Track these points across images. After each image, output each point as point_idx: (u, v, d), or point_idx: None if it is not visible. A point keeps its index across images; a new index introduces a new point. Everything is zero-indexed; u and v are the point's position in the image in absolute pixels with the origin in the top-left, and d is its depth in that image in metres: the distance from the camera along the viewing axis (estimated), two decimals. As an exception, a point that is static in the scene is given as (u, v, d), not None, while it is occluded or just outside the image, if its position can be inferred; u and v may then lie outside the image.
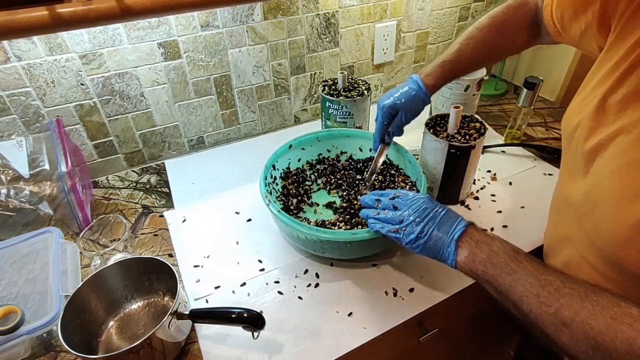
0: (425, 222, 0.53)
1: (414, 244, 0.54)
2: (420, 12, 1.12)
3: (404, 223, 0.55)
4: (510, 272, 0.45)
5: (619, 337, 0.36)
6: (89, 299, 0.60)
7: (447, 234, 0.51)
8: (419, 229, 0.53)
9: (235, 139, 1.08)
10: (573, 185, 0.50)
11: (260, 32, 0.94)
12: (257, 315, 0.56)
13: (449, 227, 0.52)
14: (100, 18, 0.48)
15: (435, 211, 0.54)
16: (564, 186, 0.54)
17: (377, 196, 0.62)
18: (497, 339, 1.08)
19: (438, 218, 0.53)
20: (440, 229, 0.52)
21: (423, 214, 0.54)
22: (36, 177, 0.75)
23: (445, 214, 0.53)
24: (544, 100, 1.20)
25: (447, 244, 0.51)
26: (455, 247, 0.50)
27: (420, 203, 0.56)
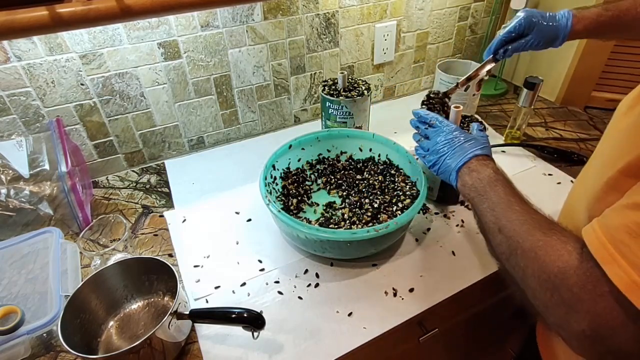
0: (441, 153, 0.62)
1: (432, 169, 0.64)
2: (420, 12, 1.12)
3: (429, 151, 0.65)
4: (483, 194, 0.53)
5: (529, 239, 0.42)
6: (89, 299, 0.60)
7: (453, 164, 0.60)
8: (436, 158, 0.63)
9: (235, 139, 1.08)
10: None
11: (260, 32, 0.94)
12: (257, 315, 0.56)
13: (457, 159, 0.60)
14: (100, 18, 0.48)
15: (451, 143, 0.61)
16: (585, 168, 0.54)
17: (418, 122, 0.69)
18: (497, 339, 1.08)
19: (452, 149, 0.61)
20: (450, 159, 0.61)
21: (441, 146, 0.62)
22: (36, 177, 0.75)
23: (459, 145, 0.61)
24: (544, 100, 1.20)
25: (451, 172, 0.60)
26: (456, 175, 0.59)
27: (443, 136, 0.63)
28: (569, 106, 1.17)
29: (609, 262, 0.33)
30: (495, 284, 0.68)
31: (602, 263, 0.34)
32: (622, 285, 0.32)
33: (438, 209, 0.83)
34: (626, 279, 0.32)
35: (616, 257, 0.33)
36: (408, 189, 0.78)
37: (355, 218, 0.75)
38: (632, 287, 0.31)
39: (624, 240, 0.33)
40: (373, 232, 0.62)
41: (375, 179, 0.84)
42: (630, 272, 0.32)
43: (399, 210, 0.74)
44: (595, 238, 0.35)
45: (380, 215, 0.74)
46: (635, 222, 0.33)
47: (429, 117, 0.67)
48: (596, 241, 0.35)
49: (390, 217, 0.74)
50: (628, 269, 0.32)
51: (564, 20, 0.67)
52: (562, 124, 1.09)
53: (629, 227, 0.33)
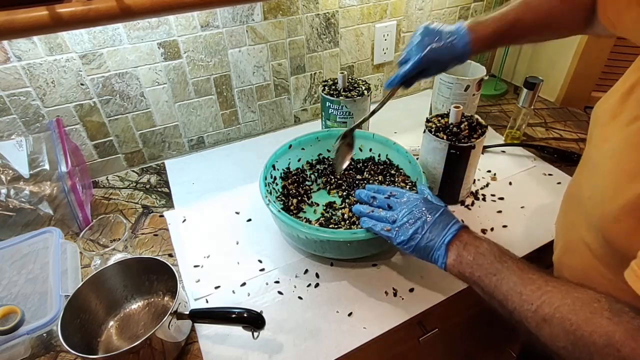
0: (418, 224, 0.54)
1: (405, 245, 0.54)
2: (420, 12, 1.12)
3: (397, 223, 0.55)
4: (495, 273, 0.46)
5: (597, 331, 0.36)
6: (89, 299, 0.60)
7: (439, 237, 0.52)
8: (412, 231, 0.54)
9: (235, 139, 1.08)
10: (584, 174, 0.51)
11: (260, 32, 0.94)
12: (257, 315, 0.56)
13: (441, 231, 0.52)
14: (100, 18, 0.48)
15: (429, 214, 0.54)
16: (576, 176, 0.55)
17: (374, 192, 0.62)
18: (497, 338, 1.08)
19: (431, 221, 0.53)
20: (432, 232, 0.53)
21: (417, 216, 0.54)
22: (36, 177, 0.75)
23: (439, 216, 0.54)
24: (543, 100, 1.20)
25: (437, 247, 0.52)
26: (446, 250, 0.51)
27: (415, 204, 0.56)
28: (569, 106, 1.17)
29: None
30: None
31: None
32: None
33: (438, 209, 0.83)
34: None
35: None
36: (408, 189, 0.78)
37: (355, 218, 0.75)
38: None
39: None
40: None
41: (375, 179, 0.84)
42: None
43: (399, 210, 0.74)
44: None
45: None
46: None
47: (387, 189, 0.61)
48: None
49: (390, 217, 0.74)
50: None
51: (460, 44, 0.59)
52: (562, 124, 1.09)
53: None
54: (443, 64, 0.61)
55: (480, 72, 0.97)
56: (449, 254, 0.51)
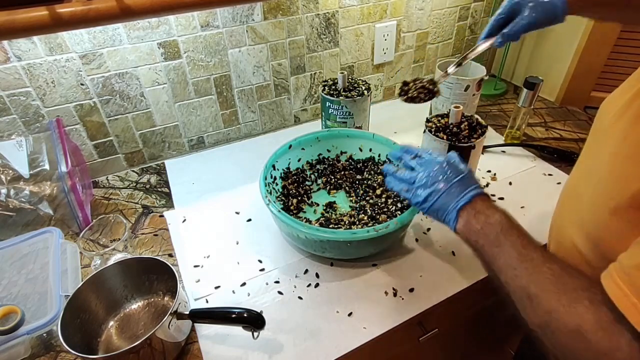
0: (434, 187, 0.54)
1: (421, 206, 0.56)
2: (420, 12, 1.12)
3: (416, 184, 0.56)
4: (498, 245, 0.47)
5: (572, 316, 0.37)
6: (89, 299, 0.60)
7: (452, 202, 0.52)
8: (427, 193, 0.54)
9: (235, 139, 1.08)
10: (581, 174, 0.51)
11: (260, 32, 0.94)
12: (257, 315, 0.56)
13: (456, 196, 0.52)
14: (100, 18, 0.48)
15: (446, 178, 0.54)
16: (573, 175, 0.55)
17: (402, 152, 0.63)
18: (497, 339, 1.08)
19: (447, 186, 0.53)
20: (447, 195, 0.53)
21: (435, 179, 0.55)
22: (36, 177, 0.75)
23: (457, 181, 0.53)
24: (543, 100, 1.20)
25: (449, 211, 0.53)
26: (457, 215, 0.52)
27: (435, 168, 0.56)
28: (569, 106, 1.17)
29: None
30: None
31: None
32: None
33: (438, 209, 0.83)
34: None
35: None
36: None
37: (355, 218, 0.75)
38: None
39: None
40: (373, 232, 0.62)
41: (375, 179, 0.84)
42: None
43: (398, 211, 0.74)
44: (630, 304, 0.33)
45: (380, 215, 0.74)
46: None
47: (417, 150, 0.62)
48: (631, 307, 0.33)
49: (390, 217, 0.74)
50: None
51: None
52: (562, 124, 1.09)
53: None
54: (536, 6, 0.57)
55: (480, 72, 0.97)
56: (459, 219, 0.52)
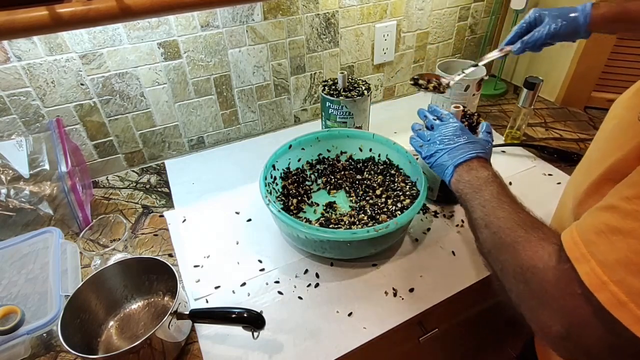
0: (442, 146, 0.62)
1: (428, 160, 0.64)
2: (420, 12, 1.12)
3: (430, 141, 0.64)
4: (477, 190, 0.53)
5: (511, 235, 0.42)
6: (89, 299, 0.60)
7: (453, 159, 0.59)
8: (434, 150, 0.62)
9: (235, 139, 1.08)
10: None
11: (260, 32, 0.94)
12: (257, 315, 0.56)
13: (457, 155, 0.59)
14: (100, 18, 0.48)
15: (455, 139, 0.61)
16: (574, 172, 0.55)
17: (428, 112, 0.70)
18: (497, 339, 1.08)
19: (454, 146, 0.61)
20: (450, 154, 0.60)
21: (445, 139, 0.62)
22: (36, 177, 0.75)
23: (463, 143, 0.60)
24: (543, 100, 1.20)
25: (447, 167, 0.60)
26: (453, 170, 0.59)
27: (449, 131, 0.63)
28: (569, 106, 1.17)
29: (580, 261, 0.34)
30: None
31: (574, 261, 0.34)
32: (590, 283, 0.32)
33: (438, 209, 0.83)
34: (594, 277, 0.32)
35: (587, 256, 0.33)
36: (408, 189, 0.78)
37: (355, 218, 0.75)
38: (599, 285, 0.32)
39: (593, 239, 0.34)
40: (373, 232, 0.62)
41: (375, 179, 0.84)
42: (598, 270, 0.32)
43: (398, 211, 0.74)
44: (571, 238, 0.36)
45: (380, 215, 0.74)
46: (604, 223, 0.33)
47: (441, 112, 0.68)
48: (571, 241, 0.36)
49: (390, 217, 0.74)
50: (596, 267, 0.32)
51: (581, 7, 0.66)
52: (562, 124, 1.09)
53: (597, 227, 0.34)
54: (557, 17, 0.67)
55: (480, 72, 0.97)
56: (454, 174, 0.59)
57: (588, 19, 0.65)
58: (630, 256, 0.31)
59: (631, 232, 0.31)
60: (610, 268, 0.32)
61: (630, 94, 0.45)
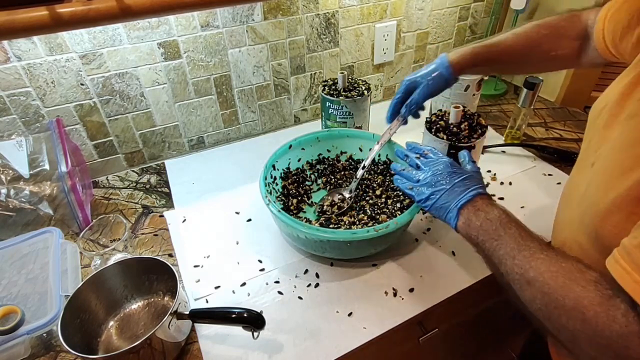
0: (438, 186, 0.57)
1: (424, 204, 0.59)
2: (420, 12, 1.12)
3: (420, 183, 0.60)
4: (497, 238, 0.49)
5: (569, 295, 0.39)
6: (89, 299, 0.60)
7: (454, 200, 0.55)
8: (430, 192, 0.58)
9: (235, 139, 1.08)
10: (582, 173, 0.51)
11: (260, 32, 0.94)
12: (257, 315, 0.56)
13: (457, 195, 0.55)
14: (100, 18, 0.48)
15: (449, 177, 0.57)
16: (574, 175, 0.55)
17: (408, 150, 0.67)
18: (497, 339, 1.08)
19: (451, 184, 0.56)
20: (449, 194, 0.56)
21: (438, 179, 0.58)
22: (36, 177, 0.75)
23: (459, 181, 0.56)
24: (543, 100, 1.20)
25: (451, 209, 0.55)
26: (457, 213, 0.54)
27: (440, 168, 0.59)
28: (569, 106, 1.17)
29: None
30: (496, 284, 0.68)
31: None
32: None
33: (438, 209, 0.83)
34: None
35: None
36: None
37: (355, 218, 0.75)
38: None
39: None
40: (373, 232, 0.62)
41: (375, 179, 0.84)
42: None
43: (398, 210, 0.74)
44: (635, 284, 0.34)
45: (380, 215, 0.74)
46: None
47: (423, 148, 0.64)
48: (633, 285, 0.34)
49: (390, 217, 0.74)
50: None
51: (439, 61, 0.69)
52: (562, 124, 1.09)
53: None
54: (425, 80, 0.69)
55: (480, 72, 0.97)
56: (460, 217, 0.54)
57: (449, 70, 0.68)
58: None
59: None
60: None
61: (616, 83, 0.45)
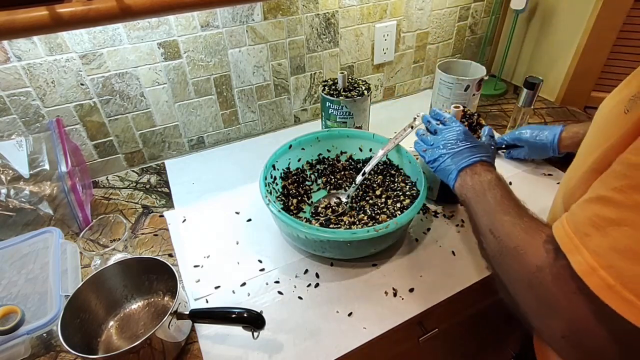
0: (445, 150, 0.63)
1: (432, 165, 0.65)
2: (420, 12, 1.12)
3: (433, 146, 0.65)
4: (481, 196, 0.54)
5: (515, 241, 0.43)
6: (89, 299, 0.60)
7: (456, 164, 0.60)
8: (438, 154, 0.63)
9: (235, 139, 1.08)
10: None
11: (260, 32, 0.94)
12: (257, 315, 0.56)
13: (461, 159, 0.60)
14: (100, 18, 0.48)
15: (458, 143, 0.62)
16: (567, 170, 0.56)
17: (431, 117, 0.72)
18: (497, 339, 1.08)
19: (459, 149, 0.61)
20: (453, 158, 0.61)
21: (448, 144, 0.63)
22: (36, 177, 0.75)
23: (466, 148, 0.61)
24: (543, 100, 1.20)
25: (452, 171, 0.61)
26: (457, 175, 0.60)
27: (453, 134, 0.64)
28: (569, 106, 1.17)
29: (573, 252, 0.35)
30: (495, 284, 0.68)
31: (568, 253, 0.35)
32: (580, 270, 0.33)
33: (438, 209, 0.83)
34: (584, 265, 0.33)
35: (580, 247, 0.34)
36: (408, 189, 0.78)
37: (355, 218, 0.75)
38: (589, 272, 0.33)
39: (586, 231, 0.34)
40: (373, 232, 0.62)
41: (375, 179, 0.84)
42: (589, 259, 0.33)
43: (398, 211, 0.74)
44: (564, 232, 0.37)
45: (380, 215, 0.74)
46: (597, 215, 0.34)
47: (445, 116, 0.69)
48: (564, 235, 0.37)
49: (390, 217, 0.74)
50: (588, 256, 0.33)
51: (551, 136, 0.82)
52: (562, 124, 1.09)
53: (590, 219, 0.35)
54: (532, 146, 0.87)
55: (480, 72, 0.97)
56: (458, 179, 0.60)
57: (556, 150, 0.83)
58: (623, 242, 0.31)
59: (624, 221, 0.32)
60: (601, 255, 0.32)
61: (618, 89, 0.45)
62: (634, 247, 0.31)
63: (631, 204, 0.31)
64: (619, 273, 0.31)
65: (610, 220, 0.33)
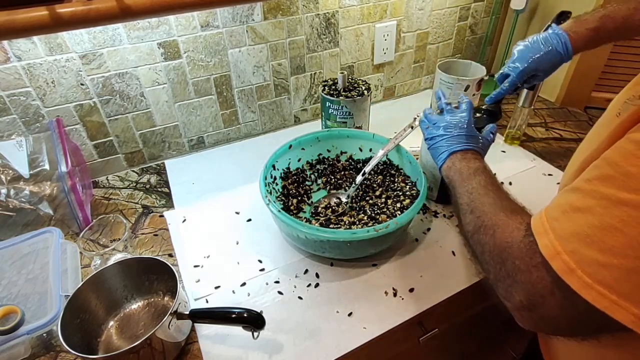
0: (443, 132, 0.64)
1: (428, 142, 0.66)
2: (420, 12, 1.12)
3: (435, 125, 0.66)
4: (467, 179, 0.56)
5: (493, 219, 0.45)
6: (89, 299, 0.60)
7: (449, 147, 0.62)
8: (436, 134, 0.65)
9: (235, 139, 1.08)
10: None
11: (260, 32, 0.94)
12: (257, 315, 0.56)
13: (455, 144, 0.62)
14: (100, 18, 0.48)
15: (458, 130, 0.63)
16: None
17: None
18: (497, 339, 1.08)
19: (455, 135, 0.63)
20: (448, 141, 0.63)
21: (448, 127, 0.64)
22: (36, 177, 0.75)
23: (463, 134, 0.63)
24: (543, 100, 1.20)
25: (443, 153, 0.62)
26: (446, 157, 0.62)
27: (456, 120, 0.65)
28: (569, 106, 1.17)
29: (542, 234, 0.37)
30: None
31: (537, 235, 0.38)
32: (546, 253, 0.36)
33: (438, 209, 0.83)
34: (550, 248, 0.36)
35: (548, 230, 0.37)
36: (408, 189, 0.78)
37: (355, 218, 0.75)
38: (554, 255, 0.35)
39: (556, 216, 0.37)
40: (373, 232, 0.62)
41: (375, 179, 0.84)
42: (555, 242, 0.35)
43: (398, 211, 0.74)
44: (539, 217, 0.39)
45: (380, 215, 0.74)
46: (568, 202, 0.37)
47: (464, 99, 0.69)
48: (538, 219, 0.39)
49: (390, 217, 0.74)
50: (554, 240, 0.36)
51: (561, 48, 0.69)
52: (562, 124, 1.09)
53: (562, 206, 0.37)
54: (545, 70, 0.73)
55: (480, 72, 0.97)
56: (446, 161, 0.61)
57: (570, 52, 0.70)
58: (584, 230, 0.34)
59: (588, 209, 0.34)
60: (565, 240, 0.35)
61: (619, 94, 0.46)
62: (590, 233, 0.33)
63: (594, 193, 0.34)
64: (580, 258, 0.33)
65: (575, 208, 0.35)
